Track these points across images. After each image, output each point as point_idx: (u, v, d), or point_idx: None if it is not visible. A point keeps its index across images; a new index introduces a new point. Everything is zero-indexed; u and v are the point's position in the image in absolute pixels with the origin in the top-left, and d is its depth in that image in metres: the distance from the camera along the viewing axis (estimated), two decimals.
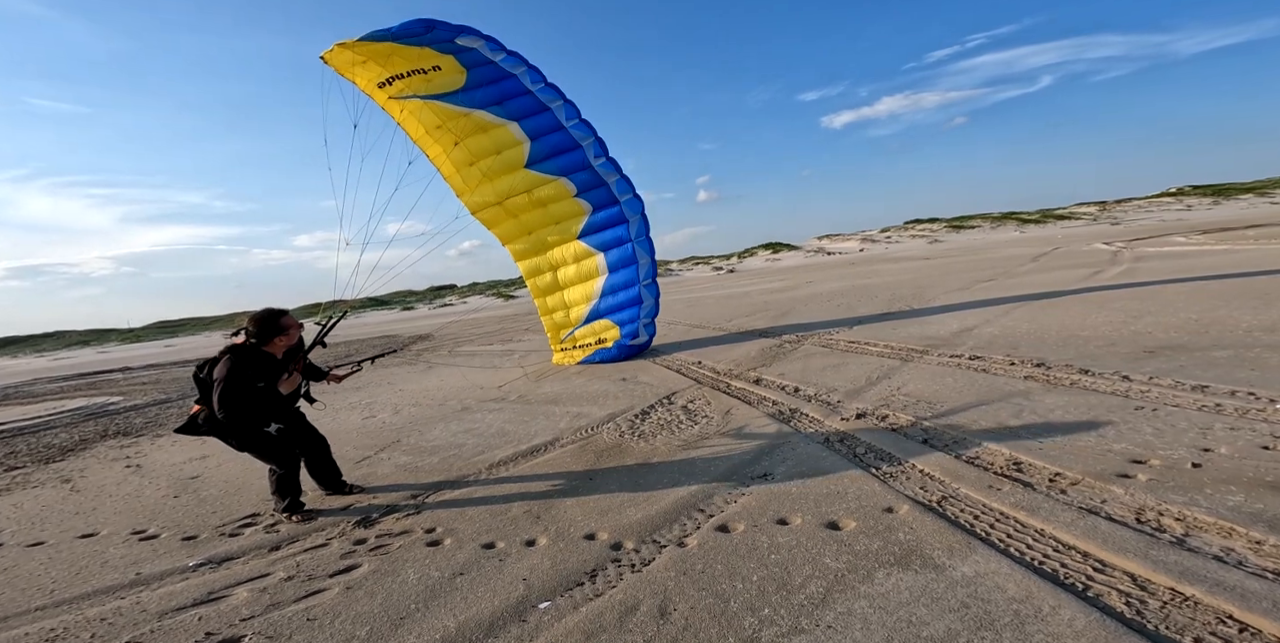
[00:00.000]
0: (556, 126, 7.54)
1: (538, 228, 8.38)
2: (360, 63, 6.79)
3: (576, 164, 7.79)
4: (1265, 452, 2.99)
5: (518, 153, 7.63)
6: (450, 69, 6.96)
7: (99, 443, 7.06)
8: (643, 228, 8.06)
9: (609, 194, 7.96)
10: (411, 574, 2.83)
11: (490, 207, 8.17)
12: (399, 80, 6.99)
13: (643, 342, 8.55)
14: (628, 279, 8.17)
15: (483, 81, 7.11)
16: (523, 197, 8.00)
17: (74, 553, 3.60)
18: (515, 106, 7.39)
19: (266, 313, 3.58)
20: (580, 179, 7.86)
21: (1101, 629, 1.87)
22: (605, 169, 7.85)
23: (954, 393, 4.73)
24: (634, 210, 8.03)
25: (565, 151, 7.70)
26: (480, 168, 7.78)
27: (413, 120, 7.52)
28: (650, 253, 8.15)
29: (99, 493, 4.86)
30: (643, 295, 8.17)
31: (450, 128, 7.45)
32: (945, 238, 59.15)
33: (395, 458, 4.90)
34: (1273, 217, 29.59)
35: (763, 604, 2.24)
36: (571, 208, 8.06)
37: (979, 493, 2.93)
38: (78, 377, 19.59)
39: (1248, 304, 6.73)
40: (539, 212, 8.19)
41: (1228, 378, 4.22)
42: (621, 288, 8.24)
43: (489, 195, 8.06)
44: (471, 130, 7.47)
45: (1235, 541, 2.27)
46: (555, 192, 7.92)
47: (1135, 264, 13.60)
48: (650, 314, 8.37)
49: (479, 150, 7.66)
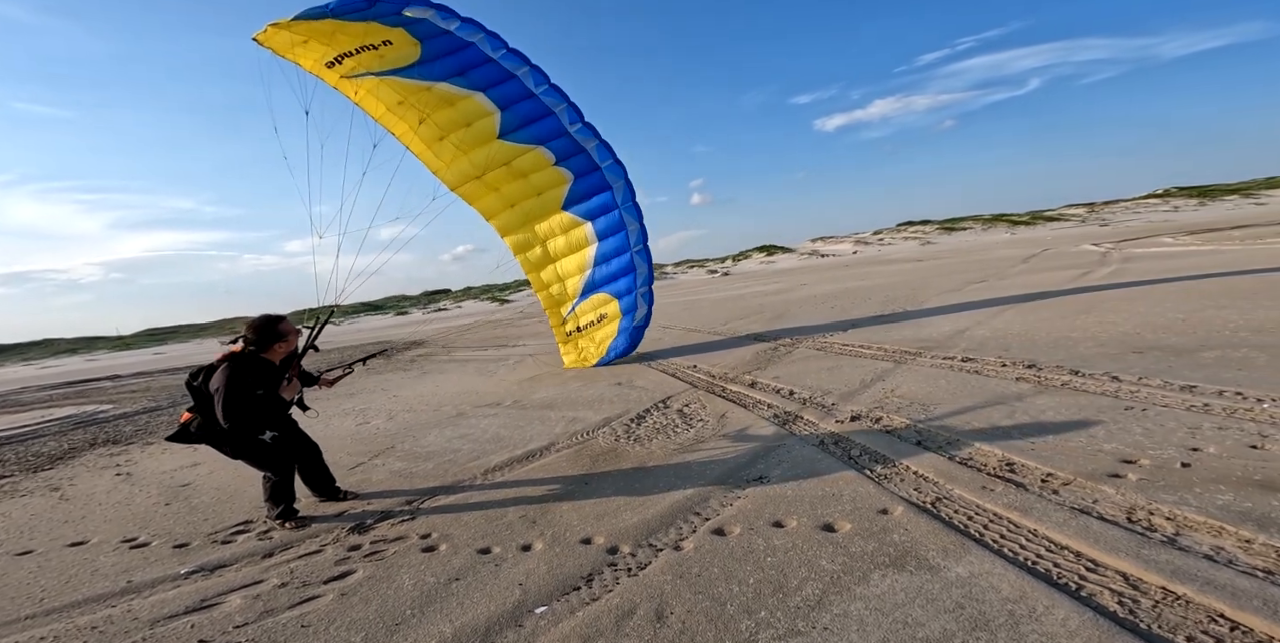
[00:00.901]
0: (526, 94, 7.15)
1: (520, 200, 8.10)
2: (301, 43, 6.34)
3: (552, 132, 7.46)
4: (1253, 451, 3.03)
5: (489, 124, 7.27)
6: (402, 42, 6.50)
7: (88, 451, 6.98)
8: (628, 194, 7.85)
9: (589, 161, 7.69)
10: (407, 580, 2.82)
11: (469, 181, 7.83)
12: (348, 58, 6.54)
13: (643, 315, 8.33)
14: (618, 246, 7.96)
15: (440, 53, 6.67)
16: (501, 169, 7.69)
17: (63, 561, 3.55)
18: (479, 76, 6.95)
19: (265, 319, 3.58)
20: (558, 147, 7.56)
21: (1095, 629, 1.88)
22: (583, 135, 7.55)
23: (947, 394, 4.76)
24: (617, 176, 7.79)
25: (538, 119, 7.36)
26: (452, 142, 7.44)
27: (371, 99, 7.07)
28: (638, 219, 7.93)
29: (88, 501, 4.80)
30: (635, 263, 7.98)
31: (413, 103, 7.03)
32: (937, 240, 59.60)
33: (390, 464, 4.88)
34: (1258, 218, 30.01)
35: (759, 607, 2.24)
36: (553, 177, 7.79)
37: (972, 494, 2.95)
38: (66, 384, 19.36)
39: (1234, 304, 6.82)
40: (520, 183, 7.90)
41: (1215, 378, 4.27)
42: (614, 256, 8.04)
43: (466, 169, 7.70)
44: (436, 104, 7.06)
45: (1225, 539, 2.30)
46: (534, 161, 7.63)
47: (1124, 265, 13.75)
48: (646, 282, 8.16)
49: (447, 124, 7.26)
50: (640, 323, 8.37)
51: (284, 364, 3.68)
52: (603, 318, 8.36)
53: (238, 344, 3.55)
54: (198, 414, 3.48)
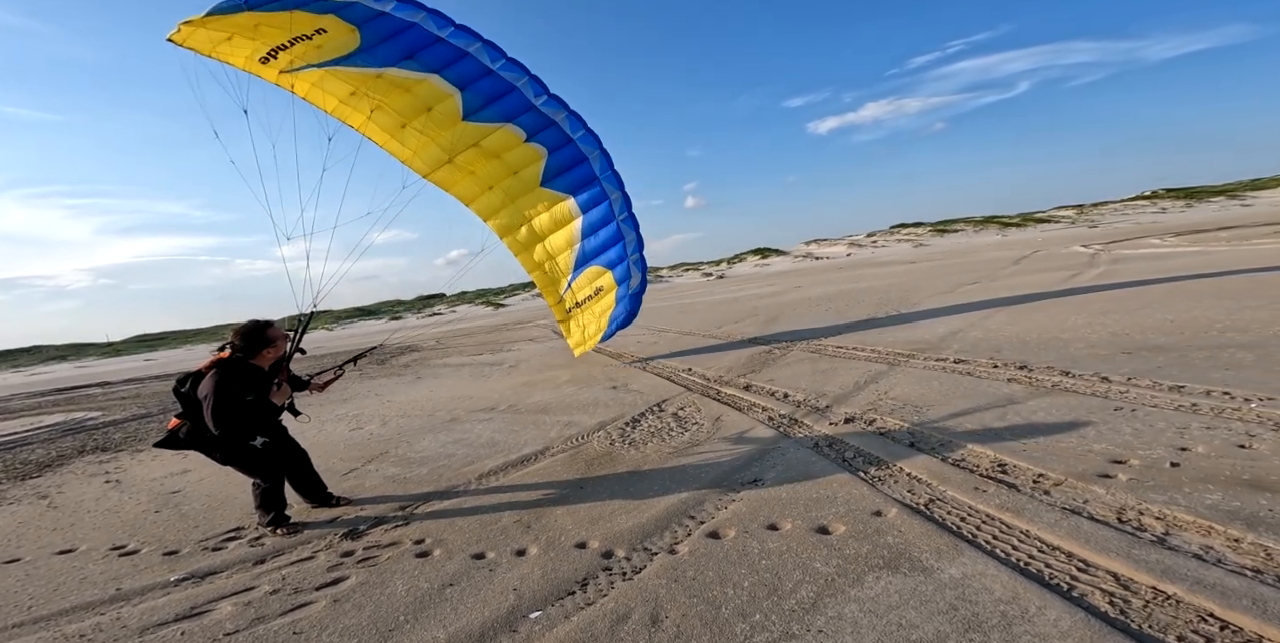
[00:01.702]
0: (484, 71, 6.75)
1: (497, 181, 7.80)
2: (225, 40, 5.88)
3: (518, 107, 7.11)
4: (1241, 450, 3.06)
5: (450, 106, 6.89)
6: (337, 30, 6.02)
7: (77, 458, 6.90)
8: (605, 164, 7.68)
9: (562, 134, 7.41)
10: (400, 586, 2.80)
11: (441, 166, 7.49)
12: (282, 52, 6.08)
13: (638, 282, 8.21)
14: (604, 217, 7.82)
15: (381, 37, 6.21)
16: (471, 151, 7.34)
17: (52, 569, 3.51)
18: (429, 57, 6.52)
19: (253, 325, 3.55)
20: (527, 122, 7.22)
21: (1087, 629, 1.90)
22: (551, 108, 7.23)
23: (940, 396, 4.79)
24: (592, 146, 7.56)
25: (501, 96, 6.98)
26: (415, 128, 7.07)
27: (319, 93, 6.68)
28: (619, 187, 7.80)
29: (77, 509, 4.75)
30: (623, 231, 7.83)
31: (366, 93, 6.63)
32: (930, 242, 59.98)
33: (383, 469, 4.85)
34: (1243, 219, 30.40)
35: (754, 610, 2.24)
36: (527, 154, 7.49)
37: (965, 495, 2.96)
38: (55, 392, 19.14)
39: (1221, 305, 6.90)
40: (494, 164, 7.59)
41: (1203, 378, 4.32)
42: (600, 226, 7.89)
43: (436, 154, 7.35)
44: (389, 90, 6.64)
45: (1214, 538, 2.32)
46: (504, 140, 7.28)
47: (1113, 267, 13.89)
48: (636, 249, 8.03)
49: (406, 110, 6.88)
50: (636, 291, 8.25)
51: (273, 370, 3.66)
52: (599, 291, 8.20)
53: (226, 351, 3.52)
54: (186, 420, 3.45)
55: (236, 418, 3.33)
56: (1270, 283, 8.08)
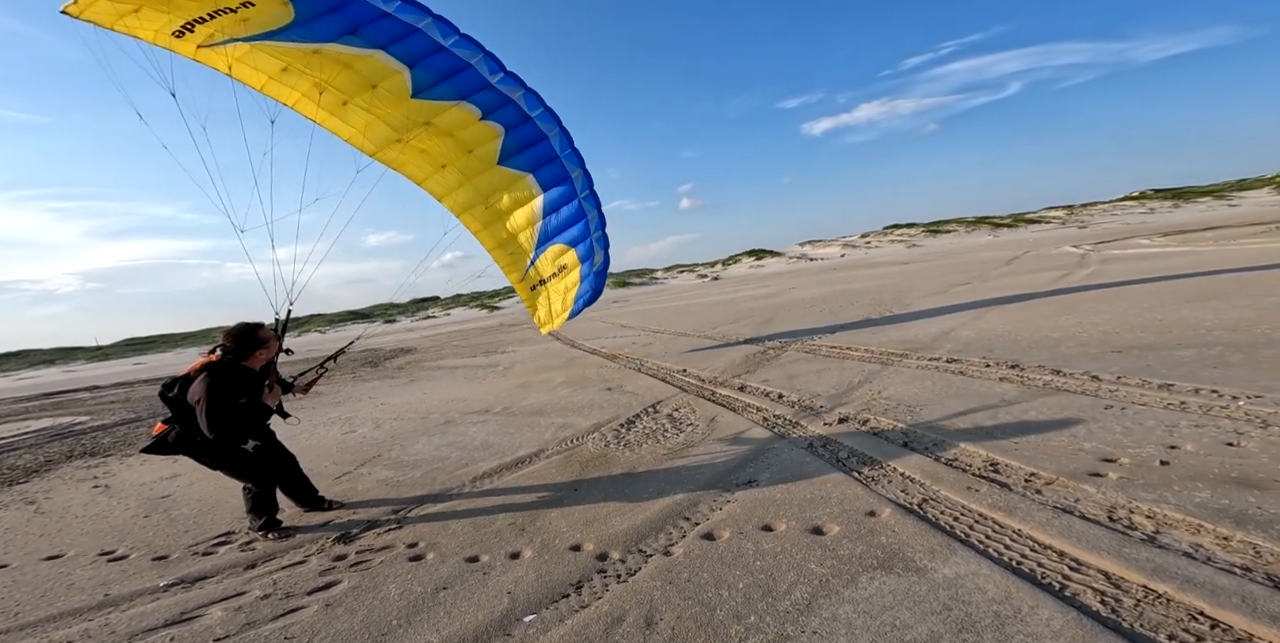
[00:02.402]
0: (435, 48, 6.34)
1: (451, 160, 7.47)
2: (132, 11, 5.33)
3: (472, 85, 6.75)
4: (1229, 448, 3.09)
5: (398, 83, 6.46)
6: (267, 2, 5.55)
7: (65, 464, 6.82)
8: (565, 141, 7.54)
9: (519, 112, 7.12)
10: (393, 590, 2.78)
11: (391, 145, 7.08)
12: (200, 25, 5.55)
13: (601, 259, 8.14)
14: (565, 194, 7.72)
15: (318, 11, 5.71)
16: (422, 129, 7.01)
17: (39, 575, 3.46)
18: (375, 32, 6.03)
19: (243, 328, 3.52)
20: (483, 100, 6.90)
21: (1079, 629, 1.91)
22: (507, 85, 6.92)
23: (933, 396, 4.81)
24: (551, 124, 7.35)
25: (455, 73, 6.61)
26: (359, 105, 6.62)
27: (246, 69, 6.13)
28: (580, 165, 7.68)
29: (65, 514, 4.69)
30: (584, 209, 7.76)
31: (301, 69, 6.12)
32: (923, 242, 60.33)
33: (376, 473, 4.82)
34: (1230, 219, 30.76)
35: (749, 612, 2.24)
36: (482, 132, 7.17)
37: (958, 495, 2.98)
38: (43, 397, 18.91)
39: (1209, 304, 6.97)
40: (447, 142, 7.25)
41: (1192, 376, 4.36)
42: (562, 204, 7.78)
43: (384, 133, 6.95)
44: (328, 67, 6.12)
45: (1203, 537, 2.34)
46: (458, 118, 6.95)
47: (1102, 266, 14.01)
48: (599, 227, 7.96)
49: (348, 87, 6.41)
50: (600, 268, 8.20)
51: (264, 372, 3.63)
52: (563, 268, 8.14)
53: (215, 354, 3.49)
54: (175, 425, 3.41)
55: (231, 421, 3.29)
56: (1257, 282, 8.17)
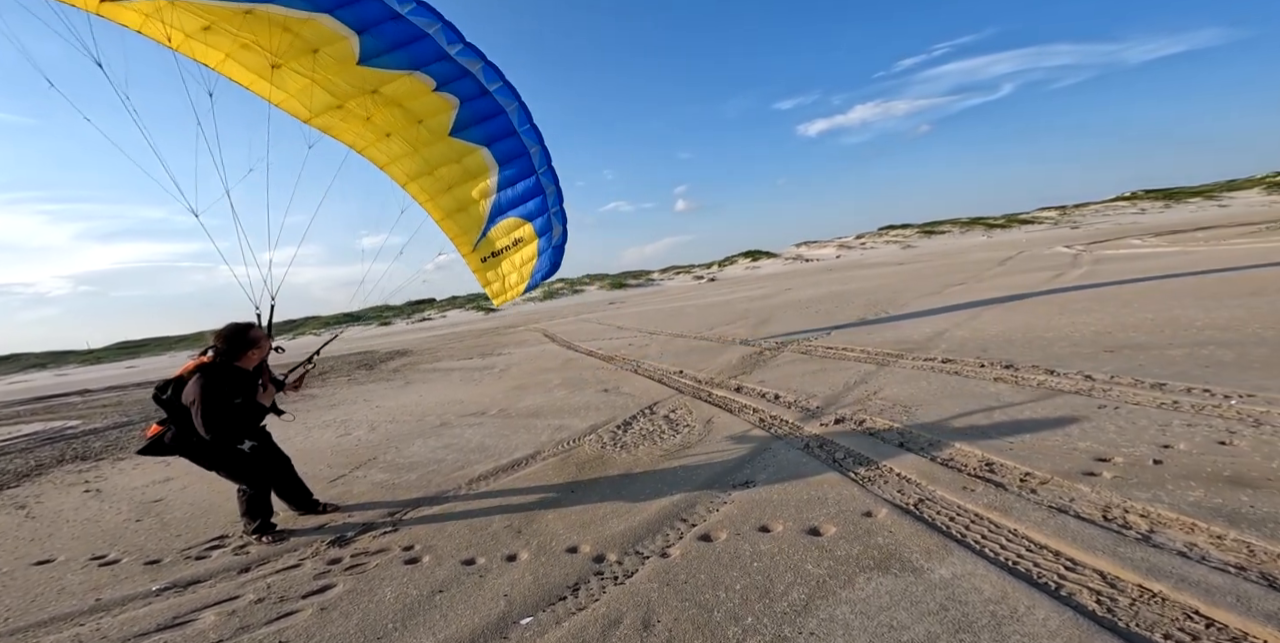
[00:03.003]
0: (389, 15, 5.95)
1: (399, 129, 7.08)
2: None
3: (428, 55, 6.40)
4: (1222, 447, 3.11)
5: (343, 49, 6.05)
6: None
7: (56, 468, 6.75)
8: (523, 116, 7.29)
9: (476, 85, 6.82)
10: (389, 593, 2.76)
11: (327, 111, 6.69)
12: None
13: (559, 233, 8.03)
14: (522, 170, 7.51)
15: None
16: (367, 97, 6.61)
17: (29, 580, 3.42)
18: None
19: (235, 328, 3.50)
20: (438, 71, 6.55)
21: (1075, 628, 1.91)
22: (466, 57, 6.61)
23: (928, 396, 4.82)
24: (509, 99, 7.06)
25: (410, 42, 6.24)
26: (295, 69, 6.19)
27: (157, 26, 5.67)
28: (539, 141, 7.46)
29: (55, 519, 4.64)
30: (542, 184, 7.58)
31: (228, 29, 5.69)
32: (918, 243, 60.62)
33: (371, 476, 4.79)
34: (1220, 219, 31.04)
35: (746, 613, 2.24)
36: (434, 103, 6.83)
37: (954, 495, 2.98)
38: (34, 401, 18.74)
39: (1200, 304, 7.03)
40: (395, 111, 6.88)
41: (1184, 376, 4.39)
42: (519, 179, 7.59)
43: (321, 98, 6.55)
44: (264, 29, 5.71)
45: (1197, 536, 2.35)
46: (409, 88, 6.58)
47: (1095, 267, 14.11)
48: (556, 202, 7.79)
49: (283, 50, 5.94)
50: (558, 243, 8.09)
51: (256, 371, 3.61)
52: (518, 242, 8.00)
53: (207, 355, 3.47)
54: (171, 426, 3.39)
55: (227, 422, 3.28)
56: (1247, 282, 8.24)
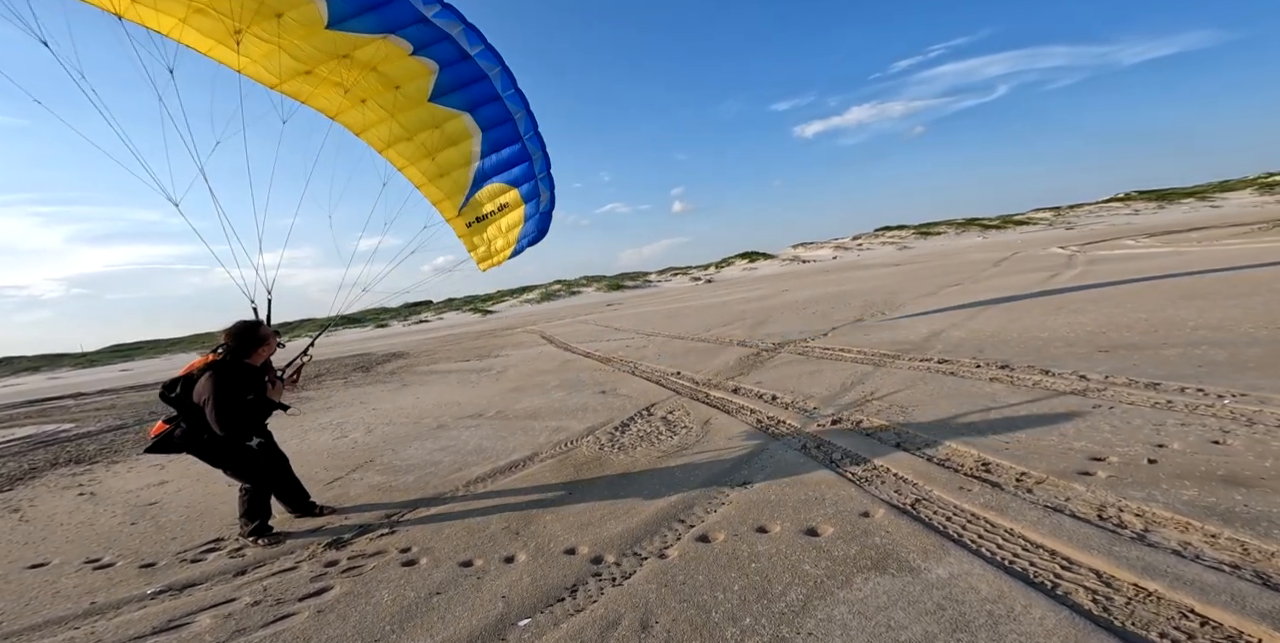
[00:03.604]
0: None
1: (374, 95, 6.85)
2: None
3: (403, 17, 6.10)
4: (1216, 446, 3.13)
5: (309, 13, 5.76)
6: None
7: (49, 471, 6.71)
8: (507, 80, 6.96)
9: (457, 49, 6.58)
10: (386, 595, 2.75)
11: (295, 77, 6.34)
12: None
13: (546, 199, 7.84)
14: (507, 135, 7.24)
15: None
16: (336, 62, 6.38)
17: (23, 584, 3.40)
18: None
19: (243, 326, 3.56)
20: (415, 35, 6.23)
21: (1071, 627, 1.92)
22: (444, 19, 6.35)
23: (924, 396, 4.84)
24: (492, 63, 6.83)
25: (381, 4, 5.94)
26: (257, 34, 5.87)
27: None
28: (524, 106, 7.18)
29: (49, 522, 4.61)
30: (528, 149, 7.35)
31: None
32: (914, 244, 60.82)
33: (368, 478, 4.78)
34: (1213, 220, 31.25)
35: (744, 614, 2.24)
36: (412, 68, 6.63)
37: (950, 495, 2.99)
38: (27, 404, 18.61)
39: (1193, 304, 7.07)
40: (369, 76, 6.54)
41: (1177, 375, 4.41)
42: (503, 145, 7.33)
43: (287, 64, 6.18)
44: None
45: (1192, 535, 2.36)
46: (383, 52, 6.25)
47: (1089, 267, 14.18)
48: (543, 167, 7.57)
49: (242, 15, 5.62)
50: (546, 208, 7.93)
51: (264, 368, 3.66)
52: (503, 207, 7.81)
53: (217, 353, 3.50)
54: (180, 424, 3.41)
55: (241, 418, 3.34)
56: (1240, 282, 8.30)
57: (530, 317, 36.88)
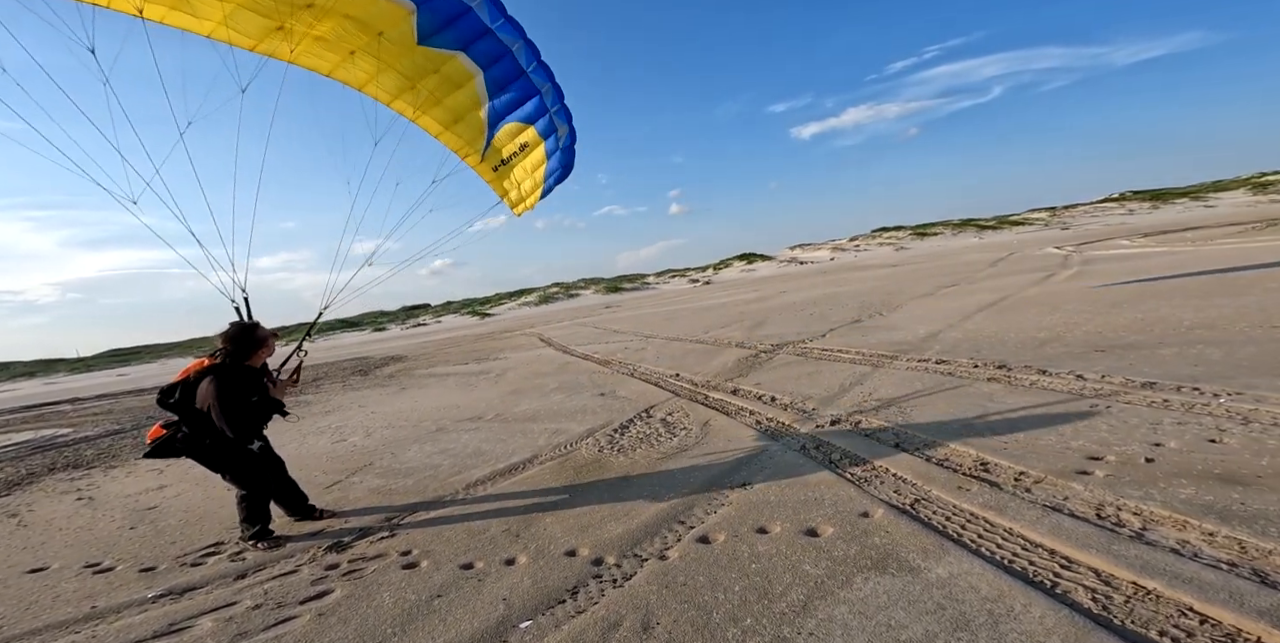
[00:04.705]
0: None
1: (360, 45, 6.39)
2: None
3: None
4: (1212, 445, 3.15)
5: None
6: None
7: (47, 476, 6.68)
8: (495, 11, 6.48)
9: None
10: (387, 598, 2.75)
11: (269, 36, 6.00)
12: None
13: (565, 133, 7.47)
14: (510, 70, 6.82)
15: None
16: (303, 12, 5.91)
17: (22, 589, 3.39)
18: None
19: (240, 328, 3.55)
20: None
21: (1071, 626, 1.93)
22: None
23: (923, 397, 4.86)
24: None
25: None
26: None
27: None
28: (521, 36, 6.73)
29: (48, 527, 4.59)
30: (535, 83, 6.93)
31: None
32: (910, 245, 60.96)
33: (368, 481, 4.77)
34: (1207, 219, 31.40)
35: (745, 615, 2.24)
36: (388, 11, 6.17)
37: (949, 494, 3.00)
38: (23, 409, 18.53)
39: (1188, 303, 7.11)
40: (345, 24, 6.23)
41: (1173, 374, 4.44)
42: (508, 81, 6.92)
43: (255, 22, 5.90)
44: None
45: (1190, 533, 2.38)
46: None
47: (1085, 267, 14.23)
48: (555, 100, 7.17)
49: None
50: (566, 143, 7.58)
51: (263, 370, 3.68)
52: (525, 147, 7.47)
53: (214, 357, 3.49)
54: (180, 429, 3.41)
55: (248, 420, 3.36)
56: (1234, 281, 8.34)
57: (528, 319, 36.87)
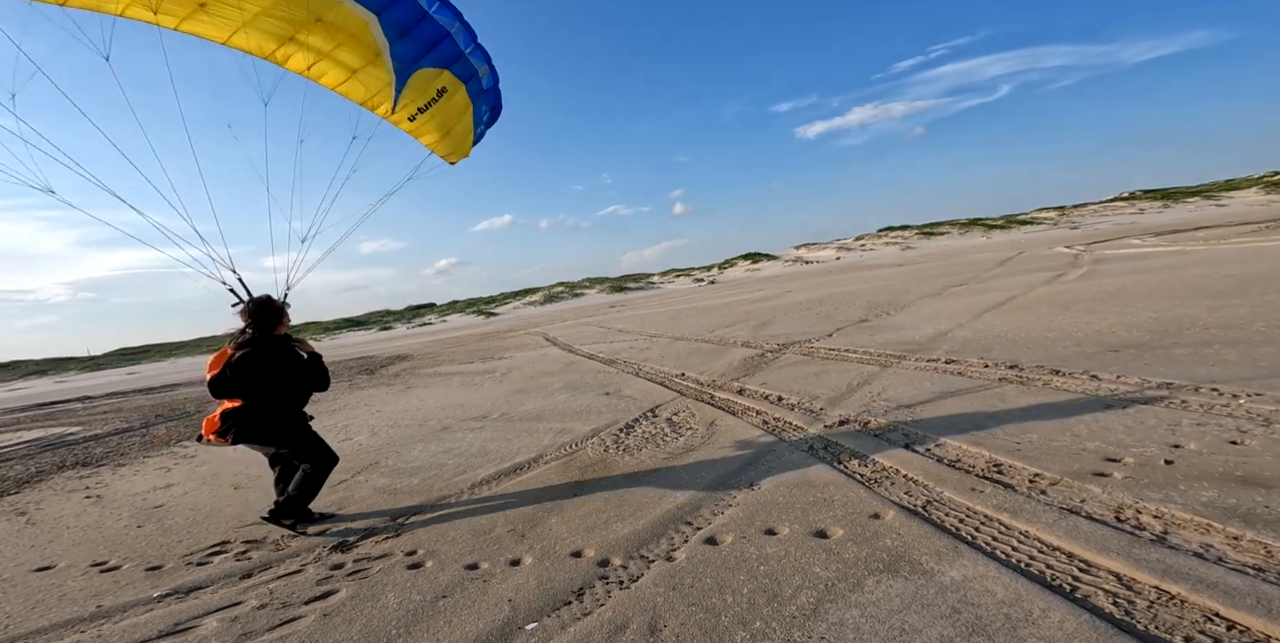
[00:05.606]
0: None
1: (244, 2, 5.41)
2: None
3: None
4: (1233, 447, 3.08)
5: None
6: None
7: (56, 474, 6.72)
8: None
9: None
10: (392, 599, 2.73)
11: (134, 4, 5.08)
12: None
13: (486, 72, 6.88)
14: (411, 14, 6.11)
15: None
16: None
17: (29, 587, 3.39)
18: None
19: (258, 303, 3.71)
20: None
21: (1093, 631, 1.87)
22: None
23: (932, 397, 4.79)
24: None
25: None
26: None
27: None
28: None
29: (56, 525, 4.61)
30: (443, 24, 6.24)
31: None
32: (917, 244, 60.60)
33: (373, 481, 4.76)
34: (1219, 219, 31.03)
35: (754, 617, 2.20)
36: None
37: (962, 496, 2.95)
38: (34, 407, 18.72)
39: (1202, 303, 7.00)
40: None
41: (1190, 375, 4.35)
42: (412, 25, 6.18)
43: None
44: None
45: (1213, 537, 2.31)
46: None
47: (1095, 266, 14.08)
48: (468, 41, 6.51)
49: None
50: (489, 84, 7.01)
51: (287, 337, 3.86)
52: (442, 92, 6.80)
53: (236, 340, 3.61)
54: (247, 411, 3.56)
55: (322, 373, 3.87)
56: (1248, 280, 8.21)
57: (533, 319, 36.92)
